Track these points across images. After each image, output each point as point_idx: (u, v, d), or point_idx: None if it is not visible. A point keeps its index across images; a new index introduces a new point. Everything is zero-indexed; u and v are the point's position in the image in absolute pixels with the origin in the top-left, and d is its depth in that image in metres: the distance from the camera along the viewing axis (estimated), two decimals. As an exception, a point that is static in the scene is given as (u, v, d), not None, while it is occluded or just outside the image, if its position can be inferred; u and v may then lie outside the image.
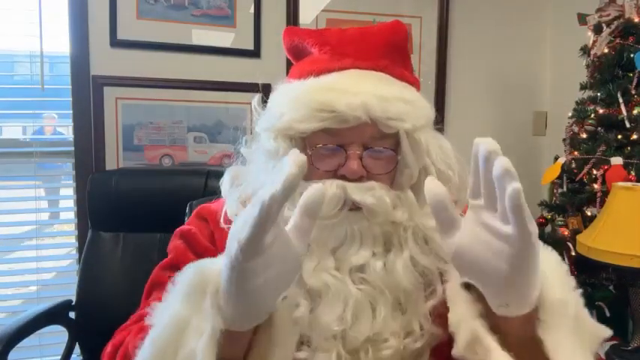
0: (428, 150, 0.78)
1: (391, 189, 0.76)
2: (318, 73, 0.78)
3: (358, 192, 0.73)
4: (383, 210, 0.73)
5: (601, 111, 1.69)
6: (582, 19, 1.83)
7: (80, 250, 1.92)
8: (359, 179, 0.74)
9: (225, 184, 0.85)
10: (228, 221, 0.81)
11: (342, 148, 0.75)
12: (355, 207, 0.74)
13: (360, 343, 0.71)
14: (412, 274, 0.74)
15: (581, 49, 1.82)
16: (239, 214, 0.55)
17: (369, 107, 0.72)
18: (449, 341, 0.68)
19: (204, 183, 1.70)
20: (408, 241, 0.75)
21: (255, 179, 0.80)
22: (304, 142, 0.77)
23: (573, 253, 1.65)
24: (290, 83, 0.81)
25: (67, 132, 2.02)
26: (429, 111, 0.80)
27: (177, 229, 0.87)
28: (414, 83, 0.82)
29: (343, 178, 0.74)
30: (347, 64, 0.78)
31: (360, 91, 0.73)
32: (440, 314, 0.73)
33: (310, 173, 0.76)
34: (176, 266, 0.80)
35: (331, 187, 0.73)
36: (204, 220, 0.85)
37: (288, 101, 0.77)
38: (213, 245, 0.82)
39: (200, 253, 0.81)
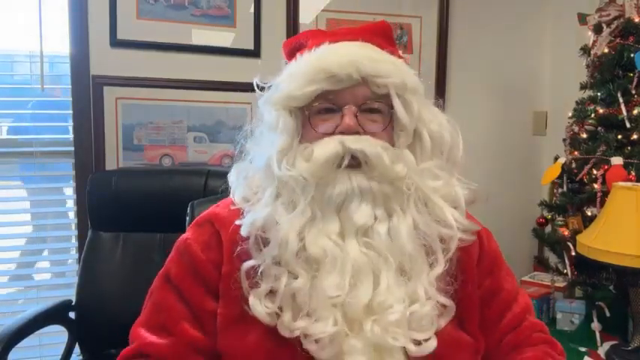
0: (420, 112, 0.82)
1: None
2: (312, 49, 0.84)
3: (356, 142, 0.77)
4: (380, 160, 0.76)
5: (601, 111, 1.68)
6: (582, 19, 1.83)
7: (80, 250, 1.92)
8: (355, 134, 0.78)
9: (232, 175, 0.89)
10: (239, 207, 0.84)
11: (339, 109, 0.79)
12: (354, 164, 0.77)
13: (360, 310, 0.72)
14: (416, 238, 0.77)
15: (581, 49, 1.82)
16: None
17: (359, 64, 0.77)
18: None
19: (204, 183, 1.70)
20: (410, 204, 0.78)
21: (259, 155, 0.83)
22: (303, 113, 0.81)
23: (573, 253, 1.65)
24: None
25: (67, 132, 2.02)
26: (417, 79, 0.85)
27: (179, 239, 0.89)
28: (402, 60, 0.87)
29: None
30: (338, 39, 0.84)
31: (350, 53, 0.80)
32: (445, 284, 0.76)
33: (310, 136, 0.81)
34: (169, 279, 0.85)
35: (330, 143, 0.77)
36: (208, 223, 0.87)
37: (286, 76, 0.83)
38: (213, 249, 0.84)
39: (191, 265, 0.84)
